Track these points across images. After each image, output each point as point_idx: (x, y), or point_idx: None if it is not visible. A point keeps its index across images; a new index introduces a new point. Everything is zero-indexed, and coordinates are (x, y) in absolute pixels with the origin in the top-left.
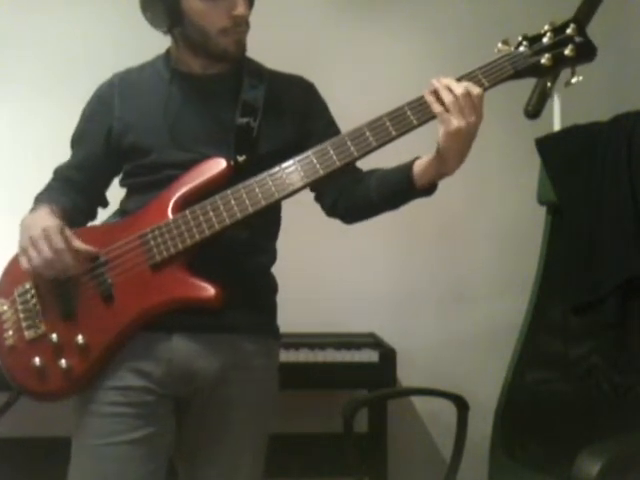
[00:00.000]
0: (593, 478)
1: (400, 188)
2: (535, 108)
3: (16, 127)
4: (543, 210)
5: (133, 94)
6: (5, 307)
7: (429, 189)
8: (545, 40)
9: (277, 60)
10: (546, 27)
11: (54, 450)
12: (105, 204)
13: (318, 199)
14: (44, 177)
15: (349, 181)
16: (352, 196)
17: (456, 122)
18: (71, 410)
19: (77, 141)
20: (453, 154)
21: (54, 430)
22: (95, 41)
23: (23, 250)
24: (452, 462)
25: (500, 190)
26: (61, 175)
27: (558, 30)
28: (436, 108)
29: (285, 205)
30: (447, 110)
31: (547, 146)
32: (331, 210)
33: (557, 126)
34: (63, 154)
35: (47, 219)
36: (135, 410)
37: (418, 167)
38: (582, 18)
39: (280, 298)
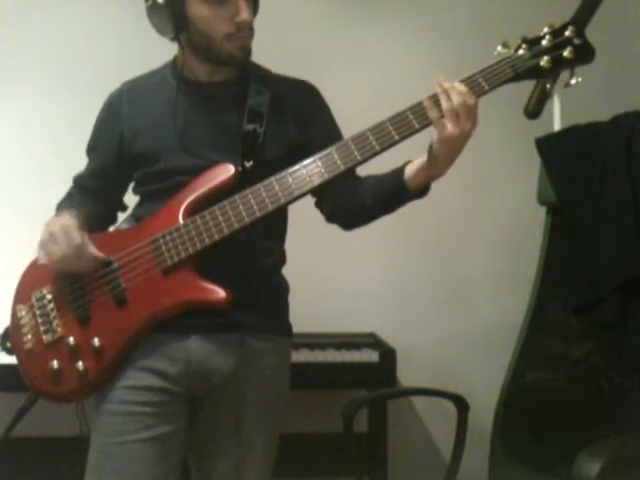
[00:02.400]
0: (593, 478)
1: (393, 192)
2: (535, 108)
3: (17, 126)
4: (543, 210)
5: (141, 102)
6: (23, 312)
7: (422, 191)
8: (544, 42)
9: (276, 60)
10: (545, 29)
11: (54, 450)
12: (124, 208)
13: (318, 205)
14: (45, 177)
15: (345, 189)
16: (348, 204)
17: (451, 129)
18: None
19: (91, 150)
20: (444, 159)
21: (55, 430)
22: (98, 41)
23: (42, 244)
24: (452, 462)
25: (500, 190)
26: (78, 183)
27: (557, 32)
28: (432, 114)
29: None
30: (443, 116)
31: (547, 146)
32: (330, 216)
33: (557, 126)
34: (64, 154)
35: (67, 219)
36: (150, 409)
37: (410, 171)
38: (581, 20)
39: None
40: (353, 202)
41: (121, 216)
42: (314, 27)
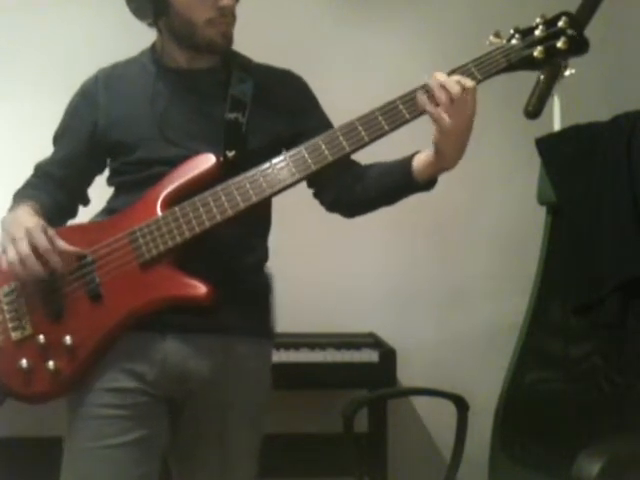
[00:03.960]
0: (593, 478)
1: (400, 183)
2: (535, 108)
3: (17, 126)
4: (543, 210)
5: (119, 89)
6: None
7: (429, 184)
8: (537, 33)
9: (274, 58)
10: (538, 20)
11: (53, 450)
12: (86, 202)
13: (317, 195)
14: None
15: (349, 176)
16: (353, 191)
17: (449, 120)
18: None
19: (60, 137)
20: (451, 150)
21: (53, 430)
22: (98, 41)
23: (4, 250)
24: (452, 462)
25: (500, 190)
26: (42, 171)
27: (550, 23)
28: (430, 109)
29: (285, 205)
30: (440, 109)
31: (547, 146)
32: (332, 205)
33: (557, 126)
34: None
35: (29, 218)
36: (128, 412)
37: (418, 162)
38: (581, 19)
39: (280, 298)
40: (357, 191)
41: (89, 210)
42: (314, 27)
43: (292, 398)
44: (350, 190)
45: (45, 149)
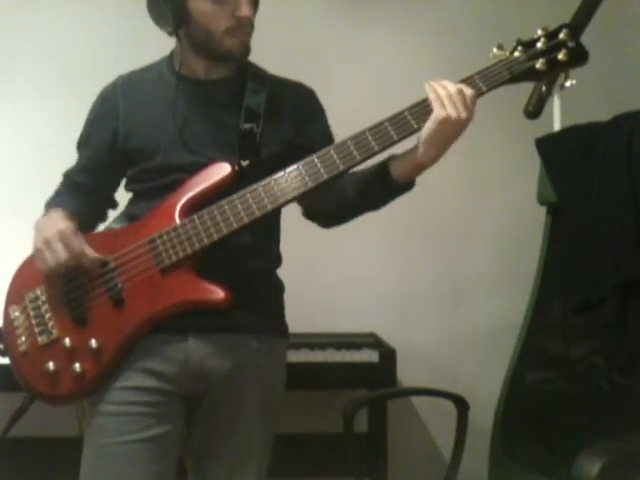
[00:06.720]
0: (593, 478)
1: (376, 182)
2: (535, 108)
3: (17, 126)
4: (543, 210)
5: (137, 96)
6: (17, 313)
7: (407, 184)
8: (539, 45)
9: (277, 60)
10: (539, 32)
11: (54, 450)
12: (114, 205)
13: (298, 201)
14: (45, 177)
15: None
16: (328, 198)
17: (447, 110)
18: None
19: (83, 144)
20: (434, 142)
21: (55, 430)
22: (97, 40)
23: (38, 252)
24: (452, 462)
25: (500, 190)
26: (69, 179)
27: (551, 35)
28: (431, 94)
29: (284, 207)
30: (440, 100)
31: (547, 146)
32: (308, 214)
33: (557, 126)
34: (64, 153)
35: (61, 222)
36: (148, 409)
37: (394, 159)
38: (579, 23)
39: None
40: (333, 197)
41: (112, 214)
42: (316, 28)
43: (292, 398)
44: (326, 197)
45: (44, 149)
